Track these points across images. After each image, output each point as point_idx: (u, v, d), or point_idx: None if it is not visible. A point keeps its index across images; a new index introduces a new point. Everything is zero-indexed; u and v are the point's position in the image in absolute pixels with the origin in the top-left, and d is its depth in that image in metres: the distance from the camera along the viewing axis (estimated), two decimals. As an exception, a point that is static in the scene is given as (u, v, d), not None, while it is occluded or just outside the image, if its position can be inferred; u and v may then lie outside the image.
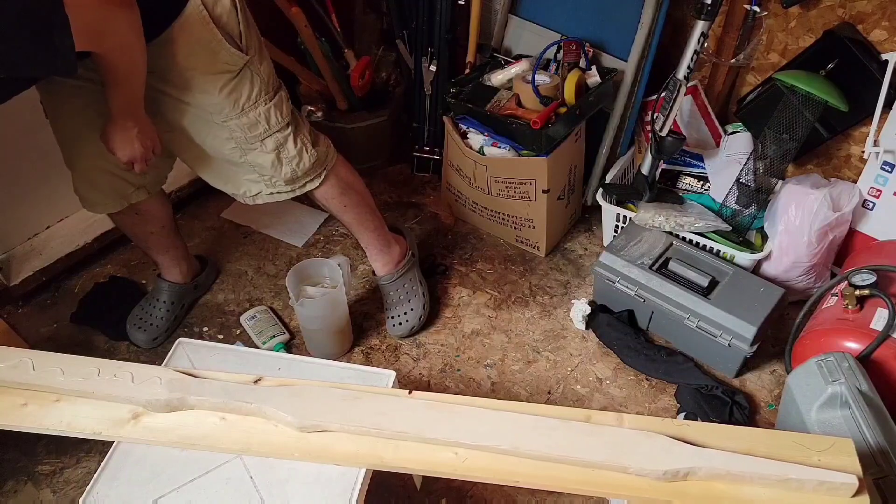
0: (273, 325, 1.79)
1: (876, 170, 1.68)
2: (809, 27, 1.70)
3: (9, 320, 1.61)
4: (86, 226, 1.94)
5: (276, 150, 1.40)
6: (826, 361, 1.36)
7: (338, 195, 1.57)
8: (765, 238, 1.77)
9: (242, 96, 1.31)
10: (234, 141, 1.36)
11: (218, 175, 1.49)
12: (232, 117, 1.32)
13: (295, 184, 1.48)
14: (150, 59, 1.18)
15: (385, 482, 1.44)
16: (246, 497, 1.00)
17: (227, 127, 1.34)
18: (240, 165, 1.42)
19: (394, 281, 1.78)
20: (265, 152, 1.40)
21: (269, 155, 1.40)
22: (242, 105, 1.32)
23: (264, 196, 1.50)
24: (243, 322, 1.81)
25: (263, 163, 1.41)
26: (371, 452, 0.97)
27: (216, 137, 1.36)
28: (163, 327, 1.78)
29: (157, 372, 1.05)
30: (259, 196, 1.50)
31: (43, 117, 1.40)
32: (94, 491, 1.00)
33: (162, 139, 1.37)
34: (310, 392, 1.00)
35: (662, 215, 1.80)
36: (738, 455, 0.91)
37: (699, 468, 0.90)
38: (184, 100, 1.30)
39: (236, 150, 1.38)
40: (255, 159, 1.40)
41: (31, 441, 1.56)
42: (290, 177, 1.46)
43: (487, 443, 0.94)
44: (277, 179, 1.45)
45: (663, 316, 1.72)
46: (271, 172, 1.43)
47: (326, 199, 1.57)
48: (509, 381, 1.72)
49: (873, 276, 1.48)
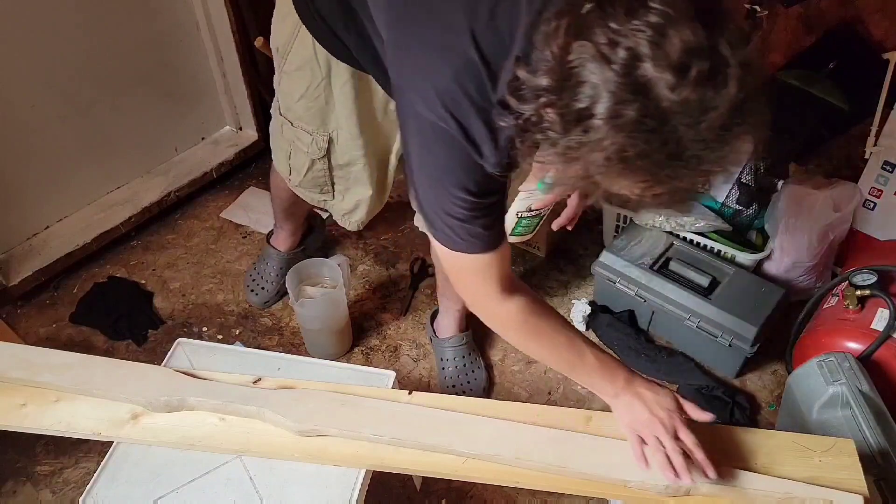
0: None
1: (877, 170, 1.68)
2: (810, 27, 1.70)
3: (8, 320, 1.61)
4: (85, 226, 1.93)
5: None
6: (827, 362, 1.36)
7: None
8: (766, 238, 1.76)
9: None
10: None
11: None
12: None
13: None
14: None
15: (385, 483, 1.44)
16: (246, 497, 1.00)
17: None
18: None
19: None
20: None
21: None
22: None
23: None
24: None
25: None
26: (371, 454, 0.97)
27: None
28: (273, 290, 1.85)
29: (156, 372, 1.05)
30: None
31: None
32: (94, 491, 1.00)
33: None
34: (310, 397, 1.00)
35: (663, 215, 1.79)
36: (741, 471, 0.91)
37: (702, 484, 0.89)
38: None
39: None
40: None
41: (30, 441, 1.55)
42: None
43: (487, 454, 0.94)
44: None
45: (664, 316, 1.72)
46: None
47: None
48: (509, 381, 1.72)
49: (874, 276, 1.48)
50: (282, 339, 1.80)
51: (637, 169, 0.66)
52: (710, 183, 0.70)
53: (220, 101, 2.18)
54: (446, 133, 0.82)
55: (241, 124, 2.25)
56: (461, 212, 0.87)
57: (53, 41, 1.69)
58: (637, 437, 0.94)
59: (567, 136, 0.66)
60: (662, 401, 0.96)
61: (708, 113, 0.63)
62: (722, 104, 0.63)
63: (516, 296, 0.97)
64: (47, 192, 1.87)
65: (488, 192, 0.88)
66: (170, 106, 2.05)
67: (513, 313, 0.97)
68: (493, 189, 0.89)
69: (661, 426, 0.93)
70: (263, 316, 1.86)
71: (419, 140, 0.86)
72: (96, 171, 1.95)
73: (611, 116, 0.62)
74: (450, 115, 0.81)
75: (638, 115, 0.62)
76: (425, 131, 0.84)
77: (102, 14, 1.76)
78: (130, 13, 1.82)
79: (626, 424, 0.97)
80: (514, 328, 1.00)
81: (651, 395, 0.97)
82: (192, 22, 1.97)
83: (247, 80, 2.09)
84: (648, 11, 0.62)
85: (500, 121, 0.78)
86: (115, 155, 1.97)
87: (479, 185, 0.86)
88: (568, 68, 0.64)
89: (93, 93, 1.83)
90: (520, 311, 0.97)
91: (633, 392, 0.98)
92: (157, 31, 1.90)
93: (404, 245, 2.05)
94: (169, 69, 1.99)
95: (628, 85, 0.62)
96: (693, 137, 0.64)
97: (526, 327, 0.99)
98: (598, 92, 0.63)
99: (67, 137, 1.83)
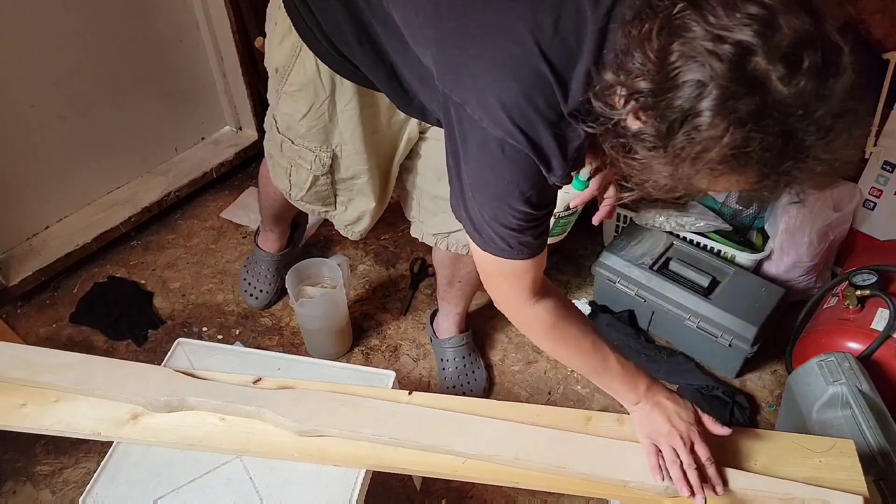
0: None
1: (877, 170, 1.68)
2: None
3: (7, 320, 1.61)
4: (85, 226, 1.93)
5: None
6: (827, 361, 1.36)
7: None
8: (765, 238, 1.76)
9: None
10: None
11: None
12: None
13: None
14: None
15: (385, 483, 1.44)
16: (246, 497, 1.00)
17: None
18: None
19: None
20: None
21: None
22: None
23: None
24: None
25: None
26: (371, 454, 0.97)
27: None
28: (271, 292, 1.85)
29: (156, 372, 1.05)
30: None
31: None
32: (94, 491, 1.00)
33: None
34: (309, 397, 1.00)
35: (663, 215, 1.80)
36: (741, 472, 0.91)
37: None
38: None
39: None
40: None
41: (29, 441, 1.55)
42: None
43: (487, 454, 0.94)
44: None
45: (664, 316, 1.72)
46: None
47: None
48: (509, 381, 1.72)
49: (874, 276, 1.48)
50: (282, 339, 1.80)
51: (752, 164, 0.64)
52: (832, 175, 0.68)
53: (220, 101, 2.18)
54: (514, 149, 0.81)
55: (241, 124, 2.25)
56: (518, 223, 0.87)
57: (53, 41, 1.69)
58: (653, 447, 0.94)
59: (672, 138, 0.65)
60: (682, 412, 0.96)
61: (823, 102, 0.61)
62: (837, 93, 0.62)
63: (546, 299, 0.97)
64: (47, 192, 1.87)
65: (548, 203, 0.89)
66: (170, 106, 2.05)
67: (540, 317, 0.97)
68: (551, 200, 0.90)
69: (679, 439, 0.93)
70: (263, 316, 1.86)
71: (481, 156, 0.84)
72: (96, 171, 1.95)
73: (724, 113, 0.61)
74: (518, 131, 0.79)
75: (754, 109, 0.60)
76: (490, 148, 0.82)
77: (102, 14, 1.76)
78: (130, 13, 1.82)
79: (644, 434, 0.96)
80: (542, 332, 1.00)
81: (672, 405, 0.97)
82: (192, 22, 1.97)
83: (247, 80, 2.09)
84: (748, 3, 0.60)
85: (572, 131, 0.76)
86: (115, 155, 1.97)
87: (540, 197, 0.86)
88: (669, 69, 0.63)
89: (93, 93, 1.83)
90: (548, 314, 0.97)
91: (655, 401, 0.98)
92: (157, 31, 1.90)
93: (404, 245, 2.05)
94: (169, 69, 1.99)
95: (740, 80, 0.60)
96: (809, 129, 0.62)
97: (553, 332, 0.99)
98: (705, 90, 0.61)
99: (67, 137, 1.82)
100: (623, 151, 0.72)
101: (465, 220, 0.93)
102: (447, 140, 0.90)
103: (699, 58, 0.61)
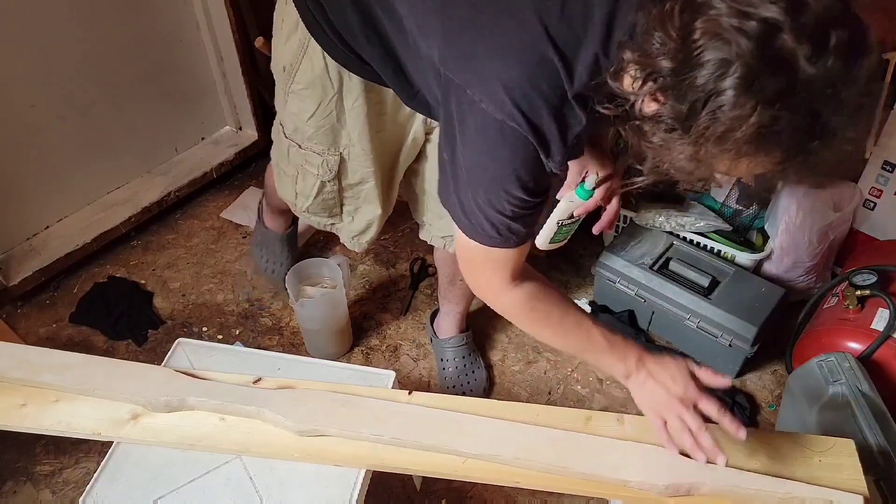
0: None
1: (877, 169, 1.68)
2: (810, 27, 1.70)
3: (8, 320, 1.61)
4: (85, 225, 1.93)
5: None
6: (827, 362, 1.36)
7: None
8: (765, 238, 1.76)
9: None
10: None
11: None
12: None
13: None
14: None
15: (385, 483, 1.44)
16: (246, 497, 1.00)
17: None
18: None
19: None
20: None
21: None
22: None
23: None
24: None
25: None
26: (371, 454, 0.97)
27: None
28: (287, 265, 1.82)
29: (156, 372, 1.05)
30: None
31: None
32: (94, 491, 1.00)
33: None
34: (310, 397, 1.00)
35: (663, 215, 1.80)
36: (742, 472, 0.91)
37: (702, 484, 0.89)
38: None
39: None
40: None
41: (29, 441, 1.55)
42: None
43: (487, 454, 0.94)
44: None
45: (664, 316, 1.72)
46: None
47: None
48: (509, 381, 1.72)
49: (874, 276, 1.48)
50: (282, 339, 1.80)
51: (779, 144, 0.63)
52: (849, 157, 0.69)
53: (220, 101, 2.18)
54: (515, 132, 0.80)
55: (241, 124, 2.25)
56: (511, 209, 0.86)
57: (53, 41, 1.69)
58: (660, 421, 0.92)
59: (696, 118, 0.63)
60: (676, 375, 0.93)
61: (851, 81, 0.60)
62: (863, 72, 0.61)
63: (525, 283, 0.96)
64: (47, 192, 1.87)
65: (543, 190, 0.88)
66: (170, 106, 2.05)
67: (519, 300, 0.97)
68: (547, 187, 0.89)
69: (680, 405, 0.90)
70: (263, 316, 1.86)
71: (480, 139, 0.83)
72: (96, 171, 1.95)
73: (751, 92, 0.60)
74: (520, 113, 0.79)
75: (782, 88, 0.59)
76: (489, 131, 0.82)
77: (102, 14, 1.76)
78: (131, 13, 1.82)
79: (647, 409, 0.95)
80: (522, 315, 0.99)
81: (662, 370, 0.94)
82: (192, 22, 1.97)
83: (247, 80, 2.09)
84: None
85: (574, 117, 0.75)
86: (115, 155, 1.97)
87: (537, 184, 0.86)
88: (693, 47, 0.62)
89: (93, 93, 1.83)
90: (527, 298, 0.97)
91: (646, 371, 0.96)
92: (157, 31, 1.90)
93: (404, 245, 2.05)
94: (169, 69, 1.99)
95: (767, 58, 0.59)
96: (837, 108, 0.61)
97: (533, 314, 0.98)
98: (730, 68, 0.60)
99: (67, 137, 1.82)
100: (639, 133, 0.71)
101: (454, 205, 0.92)
102: (443, 124, 0.89)
103: (724, 34, 0.60)
